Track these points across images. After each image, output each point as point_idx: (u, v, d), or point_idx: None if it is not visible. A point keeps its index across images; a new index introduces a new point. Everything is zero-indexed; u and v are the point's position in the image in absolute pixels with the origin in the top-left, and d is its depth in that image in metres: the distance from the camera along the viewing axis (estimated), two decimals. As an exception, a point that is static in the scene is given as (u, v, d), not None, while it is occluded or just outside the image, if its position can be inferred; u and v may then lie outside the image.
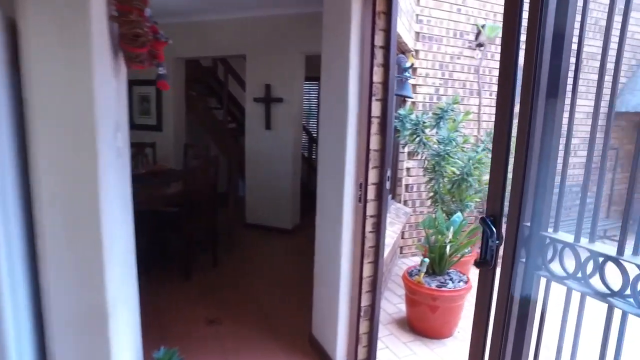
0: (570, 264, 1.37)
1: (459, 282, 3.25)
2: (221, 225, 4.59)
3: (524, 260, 1.46)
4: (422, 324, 3.26)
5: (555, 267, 1.41)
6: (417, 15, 4.60)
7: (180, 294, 3.78)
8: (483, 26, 4.60)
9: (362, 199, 2.38)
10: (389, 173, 2.42)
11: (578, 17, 1.36)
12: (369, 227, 2.46)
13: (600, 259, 1.29)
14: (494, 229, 1.41)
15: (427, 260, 3.15)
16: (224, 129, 6.89)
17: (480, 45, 4.88)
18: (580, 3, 1.35)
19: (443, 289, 3.12)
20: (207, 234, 4.36)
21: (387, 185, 2.43)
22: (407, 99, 4.21)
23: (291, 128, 5.47)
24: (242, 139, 5.92)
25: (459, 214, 3.46)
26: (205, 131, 6.78)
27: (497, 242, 1.41)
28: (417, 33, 4.63)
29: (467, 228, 3.50)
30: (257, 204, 5.70)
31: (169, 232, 4.33)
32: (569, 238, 1.38)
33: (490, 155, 3.77)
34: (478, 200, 3.96)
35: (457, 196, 3.89)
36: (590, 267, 1.31)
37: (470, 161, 3.75)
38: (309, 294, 3.02)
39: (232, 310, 3.48)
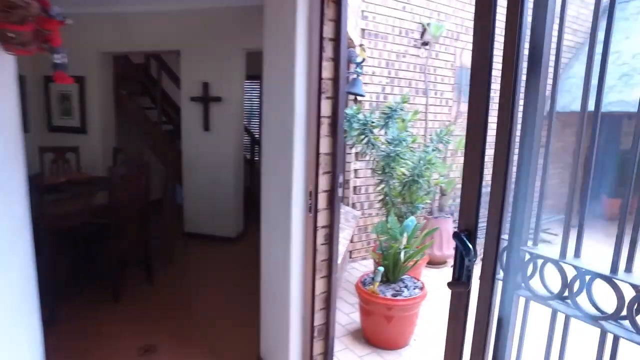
0: (554, 282, 1.22)
1: (414, 289, 3.11)
2: (156, 236, 4.15)
3: (501, 278, 1.29)
4: (377, 335, 3.08)
5: (536, 285, 1.26)
6: (363, 11, 4.44)
7: (108, 318, 3.32)
8: (428, 24, 4.54)
9: (312, 208, 2.13)
10: (340, 179, 2.19)
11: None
12: (320, 239, 2.22)
13: (587, 277, 1.14)
14: (469, 246, 1.22)
15: (381, 269, 2.97)
16: (158, 130, 6.37)
17: (425, 43, 4.82)
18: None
19: (399, 297, 2.96)
20: (139, 248, 3.92)
21: (340, 192, 2.21)
22: (358, 97, 4.02)
23: (232, 129, 5.12)
24: (179, 141, 5.47)
25: (412, 218, 3.32)
26: (137, 133, 6.22)
27: (474, 260, 1.23)
28: (363, 30, 4.47)
29: (421, 232, 3.38)
30: (197, 212, 5.29)
31: (94, 248, 3.84)
32: (552, 253, 1.22)
33: (440, 156, 3.58)
34: (428, 201, 3.87)
35: (408, 198, 3.77)
36: (577, 286, 1.16)
37: (421, 162, 3.64)
38: (257, 311, 2.73)
39: (169, 335, 3.10)
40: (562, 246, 1.22)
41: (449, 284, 1.28)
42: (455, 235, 1.24)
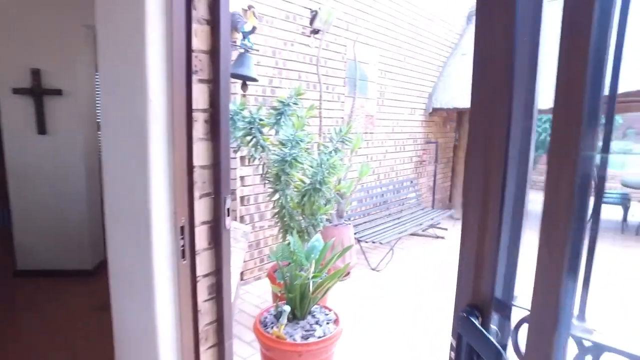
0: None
1: (327, 323, 2.52)
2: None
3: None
4: (285, 389, 2.43)
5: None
6: (243, -13, 3.72)
7: None
8: (319, 9, 4.01)
9: (185, 252, 1.38)
10: (229, 202, 1.48)
11: None
12: (203, 294, 1.48)
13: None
14: (488, 336, 0.63)
15: (287, 308, 2.32)
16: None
17: (315, 32, 4.29)
18: None
19: (310, 340, 2.34)
20: None
21: (227, 221, 1.49)
22: (248, 82, 3.23)
23: (79, 131, 3.97)
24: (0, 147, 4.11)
25: (318, 236, 2.73)
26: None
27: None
28: (245, 11, 3.75)
29: (330, 251, 2.81)
30: (35, 241, 4.01)
31: None
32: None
33: (340, 157, 2.92)
34: (331, 212, 3.33)
35: (309, 209, 3.18)
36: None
37: (323, 166, 3.08)
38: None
39: None
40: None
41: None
42: (464, 321, 0.64)
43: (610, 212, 8.05)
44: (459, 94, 6.67)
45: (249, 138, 3.16)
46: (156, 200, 1.29)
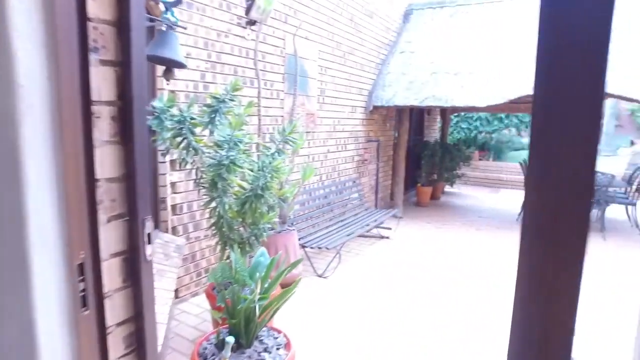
0: None
1: (277, 348, 2.21)
2: None
3: None
4: None
5: None
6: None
7: None
8: (254, -4, 3.66)
9: (88, 298, 1.01)
10: (149, 226, 1.12)
11: None
12: (118, 349, 1.11)
13: None
14: None
15: (230, 340, 1.96)
16: None
17: (252, 23, 3.93)
18: None
19: (257, 374, 2.01)
20: None
21: (148, 250, 1.13)
22: (173, 68, 2.79)
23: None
24: None
25: (263, 250, 2.41)
26: None
27: None
28: (169, -6, 3.31)
29: (277, 267, 2.49)
30: None
31: None
32: None
33: (287, 160, 2.59)
34: (275, 220, 3.01)
35: (250, 218, 2.84)
36: None
37: (265, 169, 2.75)
38: None
39: None
40: None
41: None
42: None
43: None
44: (398, 91, 6.62)
45: (179, 139, 2.76)
46: (37, 229, 0.90)
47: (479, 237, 6.33)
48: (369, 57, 6.82)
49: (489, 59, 6.45)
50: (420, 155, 8.64)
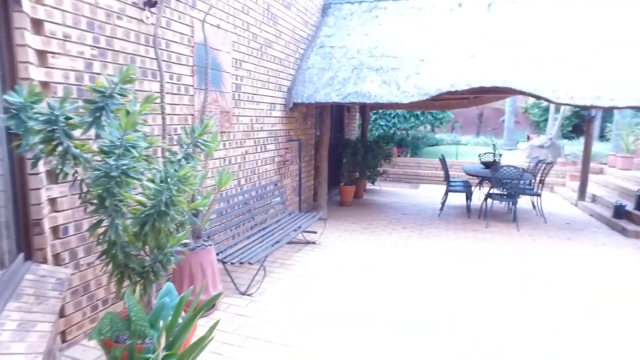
0: None
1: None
2: None
3: None
4: None
5: None
6: None
7: None
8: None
9: None
10: None
11: None
12: None
13: None
14: None
15: None
16: None
17: (152, 4, 3.31)
18: None
19: None
20: None
21: None
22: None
23: None
24: None
25: (168, 287, 1.88)
26: None
27: None
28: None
29: (187, 305, 1.96)
30: None
31: None
32: None
33: (198, 166, 2.13)
34: (187, 240, 2.47)
35: (153, 242, 2.28)
36: None
37: (170, 180, 2.20)
38: None
39: None
40: None
41: None
42: None
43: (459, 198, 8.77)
44: (320, 88, 6.30)
45: (52, 144, 2.12)
46: None
47: (406, 236, 6.25)
48: (288, 52, 6.41)
49: (410, 55, 6.38)
50: (342, 153, 8.44)
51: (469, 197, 7.84)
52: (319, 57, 6.82)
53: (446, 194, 7.77)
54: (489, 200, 7.26)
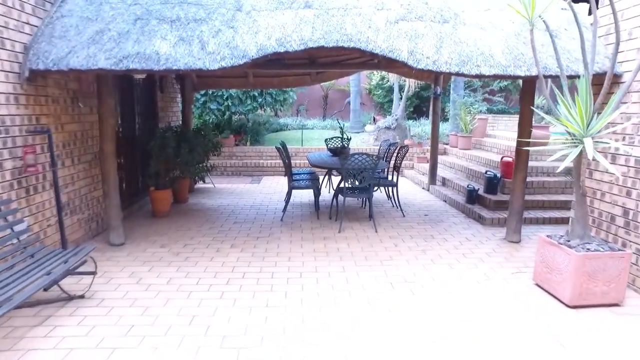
0: None
1: None
2: None
3: None
4: None
5: None
6: None
7: None
8: None
9: None
10: None
11: None
12: None
13: None
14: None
15: None
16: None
17: None
18: None
19: None
20: None
21: None
22: None
23: None
24: None
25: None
26: None
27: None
28: None
29: None
30: None
31: None
32: None
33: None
34: None
35: None
36: None
37: None
38: None
39: None
40: None
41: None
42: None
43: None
44: (78, 46, 3.94)
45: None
46: None
47: (233, 261, 4.41)
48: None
49: (221, 1, 4.43)
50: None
51: (316, 193, 6.38)
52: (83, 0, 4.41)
53: (289, 192, 6.15)
54: (341, 197, 5.88)
